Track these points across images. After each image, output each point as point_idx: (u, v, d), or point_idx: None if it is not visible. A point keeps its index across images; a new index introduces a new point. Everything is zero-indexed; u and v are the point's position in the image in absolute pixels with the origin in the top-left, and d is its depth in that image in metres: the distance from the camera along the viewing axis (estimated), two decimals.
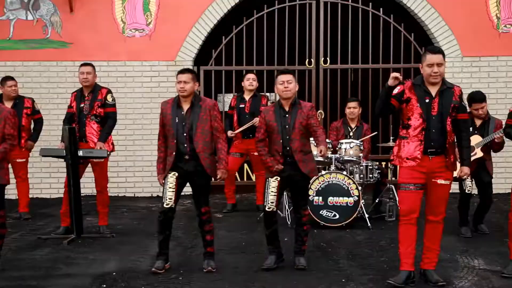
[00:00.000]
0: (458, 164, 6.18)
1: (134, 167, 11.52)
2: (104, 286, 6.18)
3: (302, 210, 6.71)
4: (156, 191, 11.36)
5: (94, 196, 8.52)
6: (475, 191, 8.59)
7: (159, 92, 11.39)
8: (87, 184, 9.56)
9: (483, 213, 8.38)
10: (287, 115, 6.62)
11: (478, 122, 8.20)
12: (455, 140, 6.10)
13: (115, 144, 8.78)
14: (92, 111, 8.20)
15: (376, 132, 10.04)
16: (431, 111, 5.95)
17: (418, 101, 5.97)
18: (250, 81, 9.80)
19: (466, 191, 8.22)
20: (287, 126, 6.58)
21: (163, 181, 6.55)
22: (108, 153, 8.10)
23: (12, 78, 9.49)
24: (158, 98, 11.25)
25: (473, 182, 8.31)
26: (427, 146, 5.95)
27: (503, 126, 7.04)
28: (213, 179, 6.68)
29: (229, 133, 9.71)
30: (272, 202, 6.59)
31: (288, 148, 6.57)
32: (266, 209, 6.62)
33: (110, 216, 8.69)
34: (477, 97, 8.13)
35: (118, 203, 10.64)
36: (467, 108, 6.25)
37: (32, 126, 9.56)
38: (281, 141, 6.57)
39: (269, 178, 6.61)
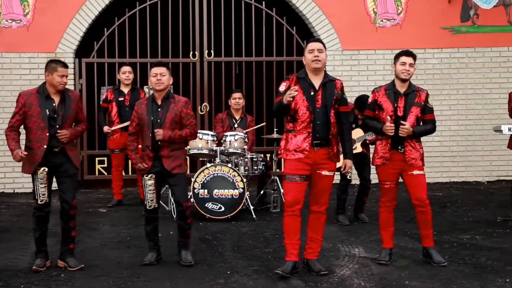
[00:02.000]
0: (341, 156, 6.35)
1: (13, 162, 11.02)
2: None
3: (183, 202, 6.61)
4: None
5: None
6: (356, 181, 8.85)
7: (38, 85, 11.02)
8: None
9: (363, 195, 8.61)
10: (159, 109, 6.55)
11: (360, 122, 8.40)
12: (337, 132, 6.25)
13: None
14: None
15: (264, 123, 10.14)
16: (316, 104, 6.08)
17: (304, 94, 6.08)
18: (126, 75, 9.70)
19: (348, 177, 8.44)
20: (158, 120, 6.51)
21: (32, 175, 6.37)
22: None
23: None
24: None
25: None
26: (313, 138, 6.07)
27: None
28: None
29: (106, 128, 9.57)
30: (152, 200, 6.56)
31: (158, 142, 6.50)
32: (148, 207, 6.59)
33: None
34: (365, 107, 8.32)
35: None
36: (348, 101, 6.42)
37: None
38: (150, 135, 6.49)
39: (144, 176, 6.56)
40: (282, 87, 6.17)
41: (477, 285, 5.88)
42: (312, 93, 6.09)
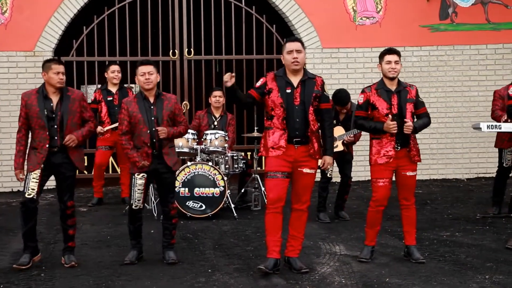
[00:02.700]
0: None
1: None
2: None
3: (170, 204, 6.63)
4: (16, 186, 10.95)
5: None
6: (336, 178, 8.87)
7: (17, 84, 10.99)
8: None
9: (344, 192, 8.62)
10: (152, 107, 6.54)
11: (342, 116, 8.46)
12: (319, 129, 6.26)
13: None
14: None
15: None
16: (294, 101, 6.11)
17: (279, 92, 6.12)
18: (115, 74, 9.62)
19: (328, 175, 8.47)
20: (153, 118, 6.51)
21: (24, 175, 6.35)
22: None
23: None
24: (17, 89, 10.85)
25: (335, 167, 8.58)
26: (292, 135, 6.10)
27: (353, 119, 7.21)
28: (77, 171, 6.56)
29: (99, 128, 9.48)
30: (138, 200, 6.52)
31: (154, 140, 6.50)
32: (133, 207, 6.54)
33: None
34: (343, 101, 8.33)
35: None
36: (330, 98, 6.42)
37: None
38: (148, 132, 6.48)
39: (135, 175, 6.51)
40: (258, 83, 6.26)
41: (456, 281, 5.92)
42: (289, 91, 6.13)
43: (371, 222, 6.64)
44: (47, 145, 6.31)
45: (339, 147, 8.35)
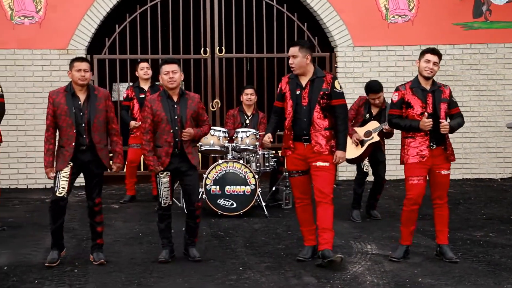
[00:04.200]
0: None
1: (27, 158, 11.18)
2: None
3: (195, 203, 6.57)
4: (49, 182, 11.01)
5: None
6: (369, 178, 8.82)
7: (51, 81, 11.09)
8: None
9: (377, 192, 8.54)
10: (176, 106, 6.50)
11: (375, 111, 8.38)
12: (329, 127, 6.32)
13: (6, 135, 8.49)
14: None
15: (263, 133, 10.13)
16: (302, 102, 6.29)
17: (290, 94, 6.34)
18: (144, 70, 9.67)
19: (364, 169, 8.43)
20: (176, 117, 6.47)
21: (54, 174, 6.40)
22: None
23: None
24: (50, 87, 10.91)
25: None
26: (299, 135, 6.30)
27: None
28: (109, 170, 6.60)
29: (133, 123, 9.50)
30: (167, 197, 6.54)
31: (177, 139, 6.48)
32: (162, 205, 6.57)
33: (1, 208, 8.40)
34: (374, 88, 8.28)
35: (10, 195, 10.32)
36: (343, 94, 6.43)
37: None
38: (171, 131, 6.45)
39: (160, 174, 6.52)
40: (278, 90, 6.51)
41: (490, 282, 5.85)
42: (298, 92, 6.32)
43: (405, 221, 6.58)
44: (73, 143, 6.33)
45: (374, 138, 8.25)
